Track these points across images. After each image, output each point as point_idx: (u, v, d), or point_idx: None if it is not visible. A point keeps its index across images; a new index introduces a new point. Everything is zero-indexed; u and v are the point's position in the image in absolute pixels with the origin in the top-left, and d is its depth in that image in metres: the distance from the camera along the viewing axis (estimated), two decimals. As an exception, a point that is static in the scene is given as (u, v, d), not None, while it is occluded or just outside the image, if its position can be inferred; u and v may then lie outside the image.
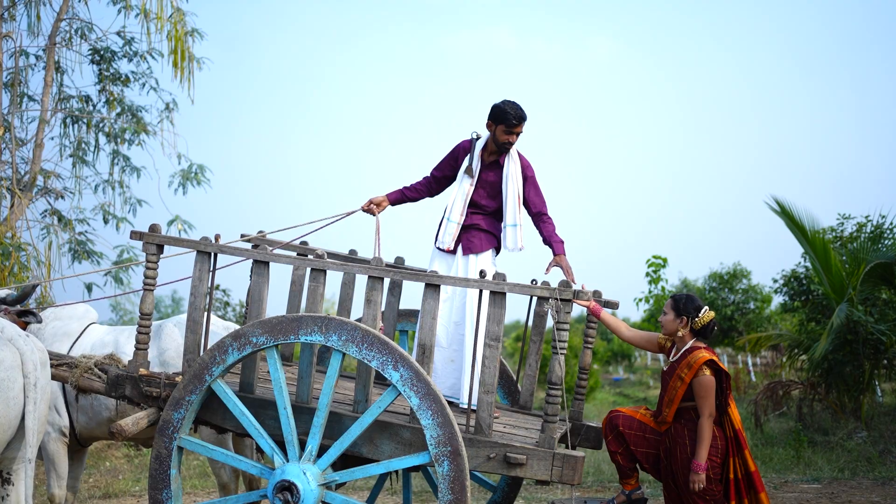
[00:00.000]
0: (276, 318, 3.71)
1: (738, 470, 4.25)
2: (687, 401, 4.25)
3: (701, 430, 4.15)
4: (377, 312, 3.84)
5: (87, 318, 5.63)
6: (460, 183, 4.78)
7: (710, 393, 4.15)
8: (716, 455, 4.20)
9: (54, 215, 9.82)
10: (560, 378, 3.60)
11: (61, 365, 4.62)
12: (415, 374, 3.56)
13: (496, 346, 3.72)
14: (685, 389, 4.21)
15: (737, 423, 4.30)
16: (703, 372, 4.16)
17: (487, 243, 4.75)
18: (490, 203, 4.77)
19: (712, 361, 4.21)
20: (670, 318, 4.32)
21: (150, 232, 4.05)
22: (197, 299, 4.04)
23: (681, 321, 4.29)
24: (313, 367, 3.90)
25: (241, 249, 4.02)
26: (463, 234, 4.75)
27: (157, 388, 4.00)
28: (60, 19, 9.75)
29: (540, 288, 3.70)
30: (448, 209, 4.77)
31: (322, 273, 3.90)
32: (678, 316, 4.30)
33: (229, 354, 3.75)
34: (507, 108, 4.62)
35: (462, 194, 4.75)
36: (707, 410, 4.15)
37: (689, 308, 4.29)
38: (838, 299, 10.81)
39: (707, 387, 4.15)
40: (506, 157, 4.73)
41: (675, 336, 4.35)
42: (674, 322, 4.31)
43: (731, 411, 4.30)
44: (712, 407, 4.17)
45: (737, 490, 4.25)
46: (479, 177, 4.76)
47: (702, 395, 4.16)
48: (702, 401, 4.17)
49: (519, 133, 4.67)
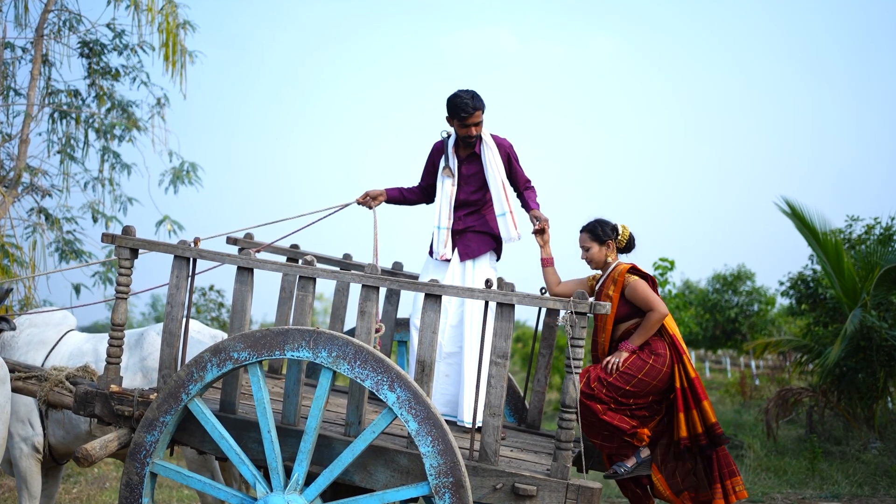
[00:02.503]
0: (259, 331, 3.35)
1: (682, 378, 4.01)
2: (623, 320, 4.06)
3: (648, 319, 3.98)
4: (371, 325, 3.47)
5: (64, 324, 5.27)
6: (441, 186, 4.49)
7: (647, 291, 4.02)
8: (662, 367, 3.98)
9: (41, 213, 9.47)
10: (574, 400, 3.24)
11: (30, 378, 4.27)
12: (413, 396, 3.20)
13: (503, 364, 3.35)
14: (616, 306, 4.05)
15: (671, 330, 4.06)
16: (631, 278, 4.06)
17: (485, 245, 4.44)
18: (478, 197, 4.48)
19: (633, 268, 4.11)
20: (596, 250, 4.21)
21: (123, 235, 3.69)
22: (174, 309, 3.68)
23: (607, 247, 4.21)
24: (301, 385, 3.54)
25: (222, 254, 3.65)
26: (458, 240, 4.44)
27: (129, 406, 3.64)
28: (48, 10, 9.39)
29: (552, 300, 3.33)
30: (436, 216, 4.48)
31: (311, 281, 3.54)
32: (602, 243, 4.21)
33: (208, 371, 3.38)
34: (458, 101, 4.31)
35: (446, 197, 4.46)
36: (658, 306, 3.98)
37: (608, 232, 4.21)
38: (851, 304, 10.51)
39: (640, 287, 4.03)
40: (480, 144, 4.43)
41: (606, 265, 4.22)
42: (601, 251, 4.21)
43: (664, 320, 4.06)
44: (661, 303, 4.00)
45: (684, 399, 4.00)
46: (460, 173, 4.47)
47: (641, 296, 4.02)
48: (645, 302, 4.01)
49: (475, 124, 4.35)
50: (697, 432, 3.98)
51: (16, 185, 9.10)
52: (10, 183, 9.03)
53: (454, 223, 4.45)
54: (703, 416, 3.99)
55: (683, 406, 3.97)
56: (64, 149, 9.61)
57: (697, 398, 4.00)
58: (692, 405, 3.99)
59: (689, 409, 3.99)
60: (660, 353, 3.98)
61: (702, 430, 3.99)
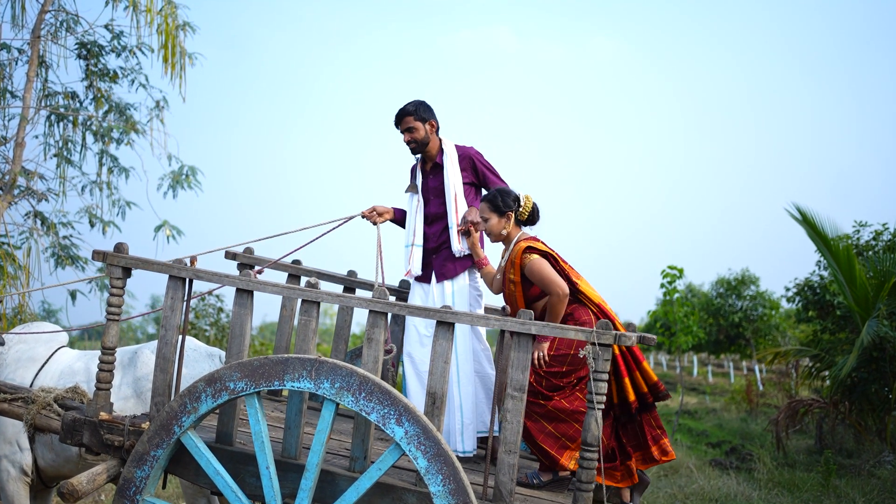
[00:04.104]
0: (258, 359, 3.12)
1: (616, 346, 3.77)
2: (536, 300, 3.84)
3: (551, 306, 3.72)
4: (379, 354, 3.25)
5: (55, 341, 5.04)
6: (409, 203, 4.39)
7: (546, 270, 3.77)
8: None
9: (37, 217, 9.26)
10: (597, 438, 3.01)
11: (16, 400, 4.06)
12: (422, 431, 2.98)
13: (520, 398, 3.13)
14: (521, 290, 3.83)
15: (594, 298, 3.84)
16: (528, 258, 3.81)
17: (460, 265, 4.27)
18: (444, 209, 4.32)
19: (530, 247, 3.81)
20: (494, 222, 3.97)
21: (114, 252, 3.47)
22: (168, 332, 3.45)
23: (506, 218, 3.98)
24: (303, 417, 3.31)
25: (220, 275, 3.43)
26: (434, 259, 4.28)
27: (119, 436, 3.42)
28: (45, 11, 9.17)
29: (574, 329, 3.10)
30: (408, 234, 4.35)
31: (315, 305, 3.31)
32: (501, 215, 3.98)
33: (202, 402, 3.16)
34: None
35: (412, 214, 4.35)
36: (556, 288, 3.71)
37: (508, 202, 3.98)
38: (863, 314, 10.29)
39: (538, 267, 3.78)
40: (442, 156, 4.30)
41: (502, 238, 3.99)
42: (499, 223, 3.98)
43: (581, 287, 3.84)
44: (560, 282, 3.72)
45: (626, 364, 3.80)
46: (427, 187, 4.35)
47: (541, 277, 3.76)
48: (545, 284, 3.75)
49: (408, 130, 4.27)
50: (643, 391, 3.85)
51: (11, 189, 8.89)
52: (6, 187, 8.82)
53: (429, 241, 4.32)
54: (646, 375, 3.85)
55: (627, 371, 3.80)
56: (60, 152, 9.40)
57: (637, 360, 3.86)
58: (634, 368, 3.83)
59: (632, 372, 3.83)
60: (585, 322, 3.77)
61: (646, 390, 3.85)
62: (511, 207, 3.96)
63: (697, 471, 9.35)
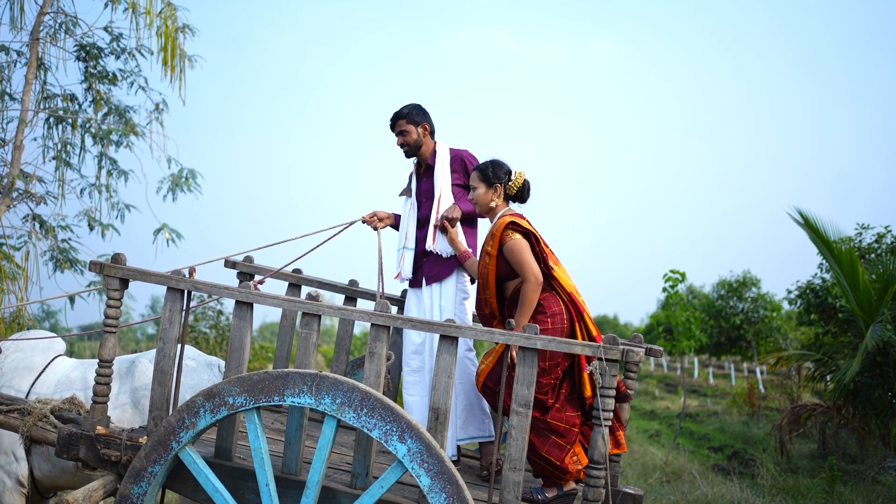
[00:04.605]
0: (257, 374, 3.06)
1: (585, 337, 3.71)
2: (508, 279, 3.76)
3: (524, 294, 3.62)
4: (381, 368, 3.18)
5: (52, 349, 4.97)
6: (404, 207, 4.37)
7: (523, 255, 3.67)
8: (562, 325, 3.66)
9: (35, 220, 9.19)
10: (603, 455, 2.95)
11: (12, 411, 3.99)
12: (425, 448, 2.91)
13: (525, 414, 3.06)
14: (495, 263, 3.73)
15: (567, 287, 3.74)
16: (509, 236, 3.71)
17: (447, 268, 4.22)
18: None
19: (514, 223, 3.71)
20: (482, 192, 3.90)
21: (112, 263, 3.40)
22: (166, 345, 3.39)
23: (494, 190, 3.88)
24: (303, 432, 3.25)
25: (219, 286, 3.36)
26: (424, 262, 4.24)
27: (116, 450, 3.35)
28: (44, 13, 9.11)
29: (580, 344, 3.04)
30: (400, 237, 4.33)
31: (316, 319, 3.25)
32: (490, 186, 3.88)
33: (201, 417, 3.09)
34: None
35: (405, 217, 4.33)
36: (529, 275, 3.62)
37: (498, 174, 3.88)
38: (867, 318, 10.24)
39: (517, 249, 3.68)
40: (434, 158, 4.28)
41: (489, 210, 3.89)
42: (487, 194, 3.88)
43: (556, 274, 3.74)
44: (534, 270, 3.64)
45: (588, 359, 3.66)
46: (421, 190, 4.32)
47: (516, 260, 3.67)
48: (519, 267, 3.67)
49: (401, 133, 4.27)
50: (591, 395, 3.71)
51: (9, 192, 8.83)
52: (4, 190, 8.75)
53: (420, 244, 4.28)
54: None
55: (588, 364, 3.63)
56: (59, 155, 9.33)
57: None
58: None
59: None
60: (556, 312, 3.69)
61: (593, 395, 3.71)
62: (501, 179, 3.88)
63: (700, 477, 9.28)
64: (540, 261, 3.72)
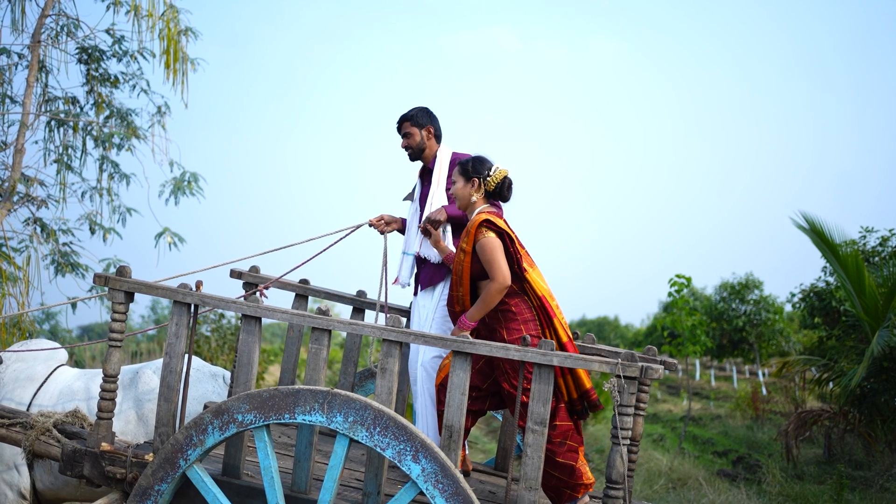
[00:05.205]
0: (267, 391, 2.98)
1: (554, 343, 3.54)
2: (482, 277, 3.67)
3: (487, 292, 3.56)
4: (393, 385, 3.11)
5: (54, 359, 4.90)
6: (408, 212, 4.33)
7: (495, 254, 3.59)
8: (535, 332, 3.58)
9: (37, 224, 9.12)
10: (622, 475, 2.88)
11: (14, 425, 3.92)
12: (440, 468, 2.84)
13: (541, 432, 2.99)
14: (470, 261, 3.64)
15: (539, 290, 3.65)
16: (483, 234, 3.63)
17: (439, 274, 4.16)
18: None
19: (489, 221, 3.63)
20: (460, 186, 3.83)
21: (117, 276, 3.33)
22: (173, 360, 3.32)
23: (472, 185, 3.81)
24: (313, 449, 3.18)
25: (226, 300, 3.29)
26: (423, 269, 4.19)
27: (121, 468, 3.28)
28: (46, 15, 9.03)
29: (598, 360, 2.97)
30: (404, 242, 4.28)
31: (326, 333, 3.17)
32: (468, 180, 3.81)
33: (209, 435, 3.02)
34: None
35: (409, 222, 4.29)
36: (497, 275, 3.55)
37: (478, 169, 3.81)
38: (872, 323, 10.16)
39: (488, 248, 3.60)
40: (434, 162, 4.22)
41: (468, 206, 3.82)
42: (465, 188, 3.82)
43: (529, 277, 3.66)
44: (503, 271, 3.55)
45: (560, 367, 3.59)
46: (423, 194, 4.27)
47: (488, 259, 3.58)
48: (488, 266, 3.58)
49: (405, 135, 4.22)
50: (573, 398, 3.65)
51: (10, 196, 8.76)
52: (5, 193, 8.68)
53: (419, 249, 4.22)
54: (577, 381, 3.62)
55: (559, 371, 3.58)
56: (61, 158, 9.27)
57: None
58: (566, 370, 3.60)
59: (563, 374, 3.61)
60: (528, 319, 3.63)
61: (577, 396, 3.65)
62: (480, 174, 3.80)
63: (707, 483, 9.21)
64: (514, 262, 3.65)
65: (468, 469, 3.97)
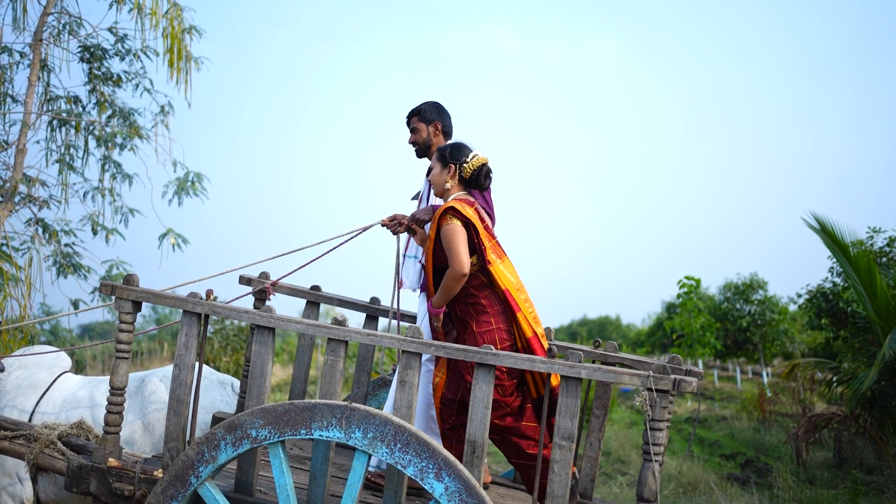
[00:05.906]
0: (282, 405, 2.86)
1: (518, 337, 3.53)
2: (444, 265, 3.57)
3: (445, 280, 3.48)
4: (413, 398, 2.98)
5: (58, 366, 4.78)
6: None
7: (455, 241, 3.49)
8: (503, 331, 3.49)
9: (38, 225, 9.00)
10: (654, 493, 2.75)
11: (18, 437, 3.79)
12: (464, 486, 2.72)
13: (569, 448, 2.86)
14: (433, 247, 3.56)
15: (503, 283, 3.54)
16: (447, 221, 3.55)
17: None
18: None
19: (454, 208, 3.52)
20: (437, 171, 3.77)
21: (124, 285, 3.20)
22: (182, 372, 3.19)
23: (448, 171, 3.74)
24: (329, 465, 3.05)
25: (238, 309, 3.16)
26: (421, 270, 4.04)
27: (129, 484, 3.15)
28: (48, 13, 8.91)
29: (628, 373, 2.84)
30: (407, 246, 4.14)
31: (343, 344, 3.05)
32: (444, 166, 3.75)
33: (221, 451, 2.89)
34: None
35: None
36: (455, 263, 3.45)
37: (455, 155, 3.74)
38: (884, 325, 10.04)
39: (450, 235, 3.50)
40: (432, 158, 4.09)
41: (444, 191, 3.74)
42: (441, 174, 3.75)
43: (493, 269, 3.54)
44: (461, 260, 3.45)
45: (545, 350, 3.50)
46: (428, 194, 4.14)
47: (448, 246, 3.49)
48: (449, 255, 3.49)
49: (413, 130, 4.11)
50: (541, 394, 3.53)
51: (12, 197, 8.64)
52: (7, 194, 8.56)
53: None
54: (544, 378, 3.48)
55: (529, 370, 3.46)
56: (63, 158, 9.15)
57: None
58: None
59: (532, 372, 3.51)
60: (498, 312, 3.55)
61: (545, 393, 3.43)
62: (456, 160, 3.72)
63: (718, 488, 9.08)
64: (477, 252, 3.54)
65: (487, 481, 3.85)
